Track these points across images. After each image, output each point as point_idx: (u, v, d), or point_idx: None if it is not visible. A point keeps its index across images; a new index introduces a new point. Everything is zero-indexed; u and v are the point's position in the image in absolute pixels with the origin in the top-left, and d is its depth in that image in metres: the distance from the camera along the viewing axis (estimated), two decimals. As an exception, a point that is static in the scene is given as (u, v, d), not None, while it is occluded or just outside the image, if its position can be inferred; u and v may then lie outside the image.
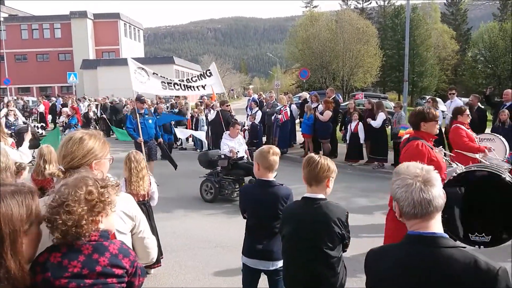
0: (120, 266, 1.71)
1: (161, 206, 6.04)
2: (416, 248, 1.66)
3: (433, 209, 1.65)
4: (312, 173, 2.71)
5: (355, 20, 40.20)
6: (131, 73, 9.12)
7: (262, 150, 3.30)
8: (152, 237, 2.33)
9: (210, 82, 10.32)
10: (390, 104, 21.87)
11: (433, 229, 1.67)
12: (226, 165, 8.16)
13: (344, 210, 2.77)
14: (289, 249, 2.84)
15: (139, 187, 4.73)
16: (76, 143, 2.10)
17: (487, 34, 39.68)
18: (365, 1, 56.27)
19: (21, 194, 1.59)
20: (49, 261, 1.64)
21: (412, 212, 1.66)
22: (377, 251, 1.86)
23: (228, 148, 8.25)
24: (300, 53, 42.73)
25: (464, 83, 44.10)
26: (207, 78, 10.37)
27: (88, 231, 1.66)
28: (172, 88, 9.81)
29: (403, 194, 1.67)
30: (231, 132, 8.49)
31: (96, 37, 53.86)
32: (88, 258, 1.65)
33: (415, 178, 1.66)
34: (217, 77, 10.58)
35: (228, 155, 8.18)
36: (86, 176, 1.75)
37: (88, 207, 1.66)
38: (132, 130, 9.36)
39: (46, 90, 50.08)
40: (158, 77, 9.63)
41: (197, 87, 10.21)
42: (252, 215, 3.41)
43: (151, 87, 9.48)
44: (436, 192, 1.66)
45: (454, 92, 10.90)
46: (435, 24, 50.54)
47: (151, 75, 9.55)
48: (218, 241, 6.16)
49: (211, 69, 10.63)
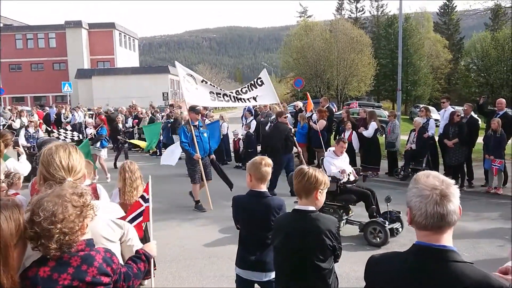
0: (106, 274, 1.75)
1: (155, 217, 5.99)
2: (424, 260, 1.60)
3: (445, 224, 1.60)
4: (300, 184, 2.73)
5: (349, 30, 40.61)
6: (180, 80, 8.43)
7: (255, 161, 3.31)
8: (141, 245, 2.37)
9: (262, 92, 9.44)
10: (384, 113, 22.00)
11: (443, 242, 1.62)
12: (334, 189, 6.69)
13: (335, 221, 2.77)
14: (281, 261, 2.84)
15: (132, 198, 4.72)
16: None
17: (479, 43, 40.05)
18: (359, 11, 56.95)
19: (8, 208, 1.60)
20: (38, 275, 1.65)
21: (423, 223, 1.61)
22: (379, 258, 1.80)
23: (336, 168, 6.92)
24: (295, 62, 42.97)
25: (457, 91, 44.42)
26: (258, 88, 9.48)
27: (79, 238, 1.71)
28: (221, 99, 8.90)
29: (418, 204, 1.62)
30: (336, 149, 7.21)
31: (91, 47, 53.95)
32: (77, 269, 1.67)
33: (433, 190, 1.60)
34: (270, 86, 9.67)
35: (338, 177, 6.81)
36: (63, 187, 1.79)
37: (77, 213, 1.70)
38: (187, 145, 8.09)
39: (41, 100, 50.04)
40: (207, 86, 8.77)
41: (248, 99, 9.32)
42: (244, 226, 3.41)
43: (199, 98, 8.58)
44: (452, 207, 1.59)
45: (445, 101, 11.00)
46: (428, 34, 51.02)
47: (199, 83, 8.68)
48: (212, 252, 6.14)
49: (262, 77, 9.68)
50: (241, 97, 9.17)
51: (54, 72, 52.43)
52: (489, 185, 9.54)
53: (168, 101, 38.87)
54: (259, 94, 9.35)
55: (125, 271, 1.91)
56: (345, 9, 57.42)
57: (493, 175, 9.34)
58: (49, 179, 2.01)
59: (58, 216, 1.64)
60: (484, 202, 8.91)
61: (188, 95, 8.40)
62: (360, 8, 56.76)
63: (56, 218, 1.64)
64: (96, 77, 47.64)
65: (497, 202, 8.84)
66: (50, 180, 1.99)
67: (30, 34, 53.24)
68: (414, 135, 10.58)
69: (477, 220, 7.53)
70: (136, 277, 2.01)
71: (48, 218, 1.63)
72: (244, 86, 9.69)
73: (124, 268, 1.93)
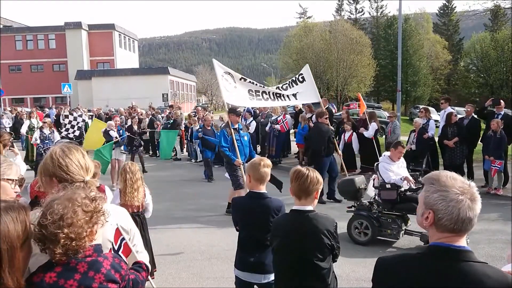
0: (114, 281, 1.71)
1: (155, 218, 6.01)
2: (442, 261, 1.56)
3: (471, 227, 1.61)
4: (302, 186, 2.73)
5: (349, 31, 40.62)
6: (219, 79, 7.77)
7: (254, 162, 3.32)
8: (145, 251, 2.37)
9: (303, 89, 8.80)
10: (384, 113, 22.03)
11: (461, 243, 1.61)
12: (393, 198, 6.30)
13: (333, 221, 2.79)
14: (280, 262, 2.84)
15: (133, 198, 4.72)
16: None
17: (479, 44, 40.10)
18: (358, 12, 56.96)
19: (14, 210, 1.59)
20: (44, 281, 1.62)
21: (451, 227, 1.58)
22: (390, 260, 1.73)
23: (393, 174, 6.43)
24: (295, 63, 42.94)
25: (457, 92, 44.49)
26: (299, 84, 8.85)
27: (86, 244, 1.67)
28: (260, 98, 8.23)
29: (448, 209, 1.58)
30: (393, 154, 6.61)
31: (91, 48, 53.93)
32: (84, 276, 1.64)
33: (464, 194, 1.58)
34: (311, 83, 9.03)
35: (398, 184, 6.33)
36: (76, 190, 1.76)
37: (87, 219, 1.67)
38: (227, 150, 7.47)
39: (40, 101, 50.01)
40: (246, 84, 8.11)
41: (288, 96, 8.65)
42: (243, 228, 3.41)
43: (238, 98, 7.98)
44: (478, 210, 1.60)
45: (443, 102, 11.01)
46: (428, 34, 51.05)
47: (237, 81, 8.02)
48: (212, 253, 6.14)
49: (303, 73, 9.03)
50: (281, 94, 8.54)
51: (54, 73, 52.38)
52: (489, 186, 9.53)
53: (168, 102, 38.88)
54: (300, 91, 8.75)
55: (133, 277, 1.89)
56: (344, 10, 57.50)
57: (491, 176, 9.34)
58: (66, 180, 1.96)
59: (66, 220, 1.61)
60: (484, 203, 8.74)
61: (227, 95, 7.77)
62: (359, 9, 56.80)
63: (64, 222, 1.61)
64: (95, 78, 47.61)
65: (497, 203, 8.84)
66: (68, 181, 1.96)
67: (30, 35, 53.19)
68: (414, 135, 10.57)
69: (477, 221, 7.47)
70: (142, 284, 1.99)
71: (55, 221, 1.61)
72: (285, 83, 9.10)
73: (133, 275, 1.90)
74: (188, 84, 62.52)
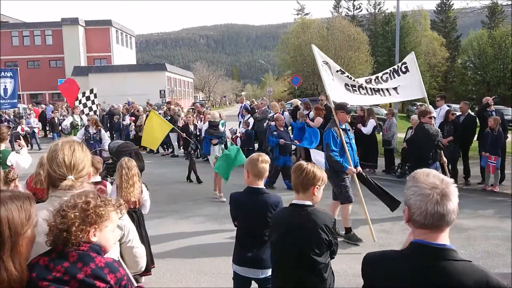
0: (103, 279, 1.70)
1: (153, 214, 6.02)
2: (423, 259, 1.59)
3: (444, 224, 1.60)
4: (298, 179, 2.76)
5: (346, 27, 40.58)
6: (320, 68, 6.54)
7: (252, 158, 3.33)
8: (141, 246, 2.37)
9: (406, 81, 7.39)
10: (381, 111, 22.04)
11: (441, 240, 1.62)
12: None
13: (331, 216, 2.80)
14: (277, 256, 2.86)
15: (129, 194, 4.70)
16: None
17: (476, 41, 40.13)
18: (356, 9, 56.91)
19: (19, 199, 1.68)
20: (38, 263, 1.70)
21: (422, 222, 1.61)
22: (377, 257, 1.77)
23: None
24: (292, 60, 42.95)
25: (454, 89, 44.51)
26: (402, 75, 7.47)
27: (77, 240, 1.71)
28: (357, 93, 6.90)
29: (418, 203, 1.61)
30: None
31: (88, 44, 53.73)
32: (72, 265, 1.68)
33: (433, 189, 1.59)
34: (417, 75, 7.56)
35: None
36: (90, 190, 1.88)
37: (82, 216, 1.72)
38: (337, 156, 6.12)
39: (37, 97, 49.75)
40: (343, 77, 6.84)
41: (388, 90, 7.25)
42: (241, 223, 3.42)
43: (336, 92, 6.67)
44: (451, 207, 1.59)
45: (439, 100, 11.06)
46: (425, 32, 51.04)
47: (334, 74, 6.77)
48: (209, 249, 6.15)
49: (407, 62, 7.63)
50: (380, 88, 7.20)
51: (51, 70, 52.17)
52: (485, 183, 9.58)
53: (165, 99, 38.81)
54: (402, 84, 7.35)
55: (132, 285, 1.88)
56: (342, 7, 57.52)
57: (489, 173, 9.38)
58: (52, 175, 2.05)
59: (61, 212, 1.72)
60: (480, 200, 8.94)
61: (330, 89, 6.54)
62: (357, 5, 56.75)
63: (59, 213, 1.72)
64: (92, 75, 47.42)
65: (493, 200, 8.89)
66: (52, 175, 2.04)
67: (26, 31, 52.94)
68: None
69: (474, 218, 7.56)
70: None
71: (57, 211, 1.73)
72: (386, 72, 7.68)
73: None
74: (185, 81, 62.45)
